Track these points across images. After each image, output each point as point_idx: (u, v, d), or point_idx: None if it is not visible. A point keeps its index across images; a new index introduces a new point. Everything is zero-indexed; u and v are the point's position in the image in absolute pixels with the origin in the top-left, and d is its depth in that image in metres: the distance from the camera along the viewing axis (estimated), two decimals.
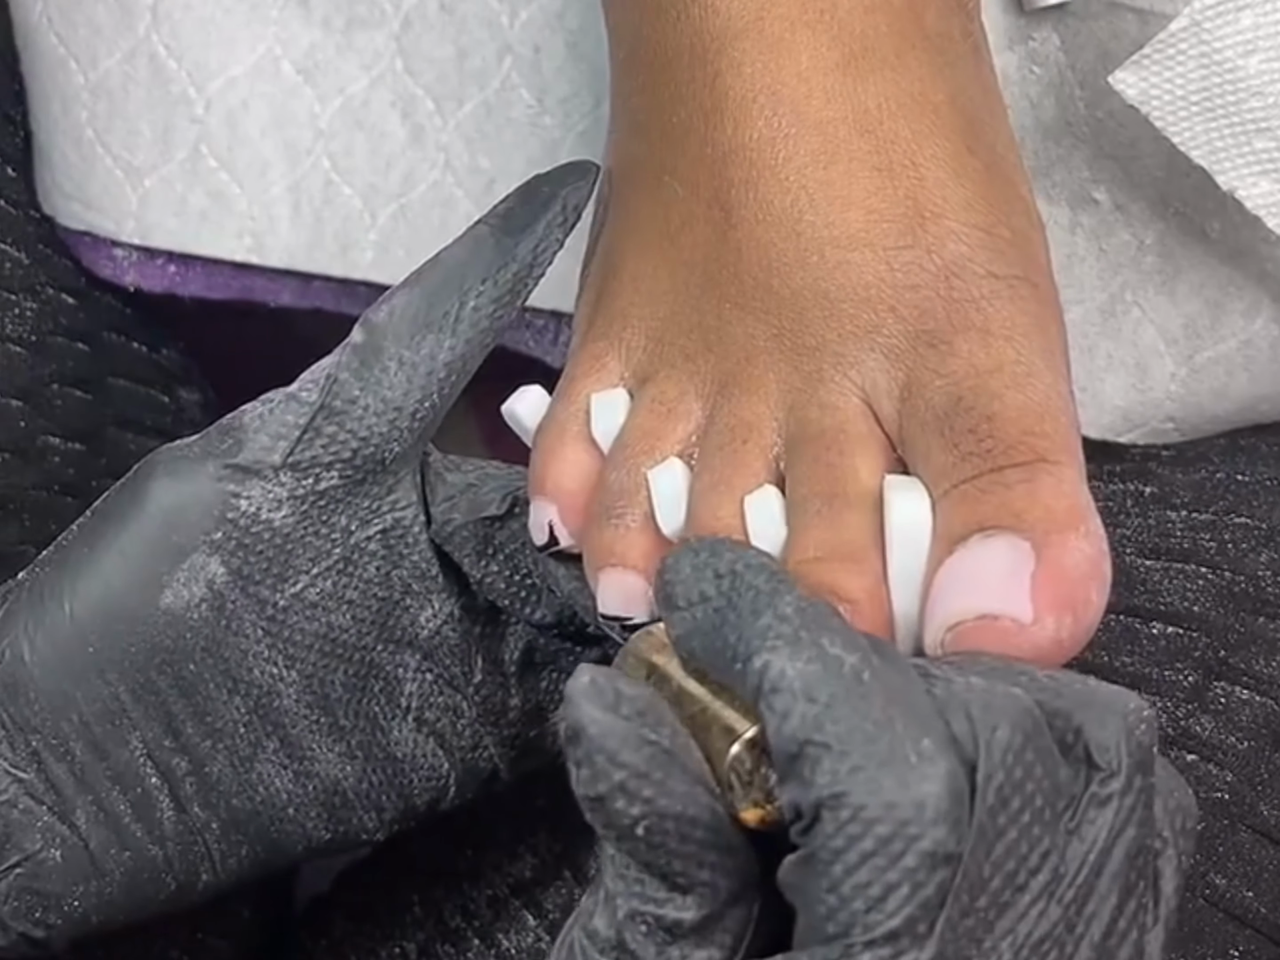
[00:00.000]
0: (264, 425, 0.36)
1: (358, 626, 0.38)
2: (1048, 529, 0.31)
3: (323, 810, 0.38)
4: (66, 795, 0.36)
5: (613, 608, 0.36)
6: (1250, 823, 0.37)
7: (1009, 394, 0.33)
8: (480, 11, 0.48)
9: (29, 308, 0.50)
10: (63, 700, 0.36)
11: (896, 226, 0.34)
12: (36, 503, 0.49)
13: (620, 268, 0.38)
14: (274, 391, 0.37)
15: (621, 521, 0.36)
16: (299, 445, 0.36)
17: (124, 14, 0.49)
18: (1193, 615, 0.40)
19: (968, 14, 0.38)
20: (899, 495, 0.33)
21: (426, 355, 0.37)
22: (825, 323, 0.35)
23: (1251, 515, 0.42)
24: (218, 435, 0.37)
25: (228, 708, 0.36)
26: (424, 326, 0.37)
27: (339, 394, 0.36)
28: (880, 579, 0.32)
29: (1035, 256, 0.35)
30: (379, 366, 0.37)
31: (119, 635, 0.36)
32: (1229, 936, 0.36)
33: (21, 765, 0.36)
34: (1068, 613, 0.30)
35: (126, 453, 0.52)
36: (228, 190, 0.50)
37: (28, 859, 0.36)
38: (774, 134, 0.35)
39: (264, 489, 0.36)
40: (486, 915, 0.44)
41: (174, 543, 0.36)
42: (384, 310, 0.37)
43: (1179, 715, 0.39)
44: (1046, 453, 0.32)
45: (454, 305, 0.37)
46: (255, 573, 0.36)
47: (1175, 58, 0.40)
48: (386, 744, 0.38)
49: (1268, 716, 0.38)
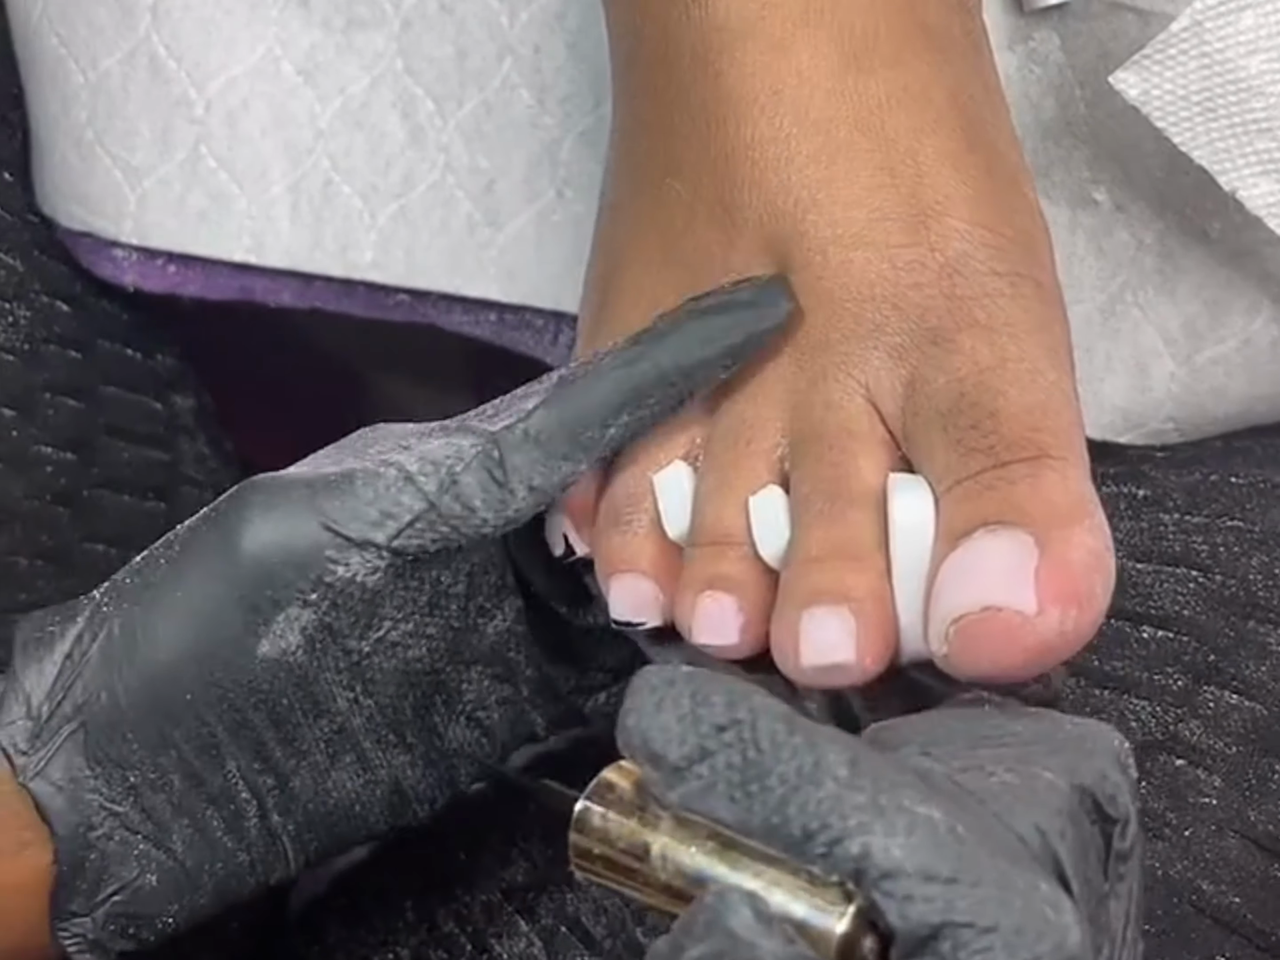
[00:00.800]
0: (375, 498, 0.35)
1: (432, 656, 0.37)
2: (1051, 523, 0.31)
3: (385, 807, 0.38)
4: (163, 823, 0.36)
5: (624, 613, 0.36)
6: (1238, 828, 0.37)
7: (1012, 391, 0.33)
8: (480, 11, 0.48)
9: (23, 315, 0.50)
10: (159, 739, 0.35)
11: (899, 225, 0.34)
12: (29, 512, 0.49)
13: (623, 269, 0.38)
14: (388, 445, 0.36)
15: (629, 527, 0.36)
16: (407, 530, 0.35)
17: (124, 14, 0.49)
18: (1183, 619, 0.40)
19: (969, 12, 0.38)
20: (902, 494, 0.33)
21: (557, 483, 0.35)
22: (828, 322, 0.35)
23: (1244, 518, 0.42)
24: (323, 487, 0.35)
25: (311, 731, 0.36)
26: (561, 458, 0.35)
27: (459, 497, 0.35)
28: (884, 577, 0.32)
29: (1038, 253, 0.35)
30: (507, 488, 0.35)
31: (217, 681, 0.35)
32: (1216, 942, 0.36)
33: (117, 799, 0.36)
34: (1072, 605, 0.30)
35: (119, 461, 0.52)
36: (227, 190, 0.50)
37: (124, 887, 0.36)
38: (776, 134, 0.35)
39: (363, 559, 0.35)
40: (480, 921, 0.44)
41: (268, 597, 0.35)
42: (519, 430, 0.35)
43: (1168, 720, 0.39)
44: (1050, 448, 0.32)
45: (596, 434, 0.35)
46: (344, 626, 0.36)
47: (1176, 58, 0.40)
48: (442, 745, 0.39)
49: (1256, 722, 0.38)
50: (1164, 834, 0.37)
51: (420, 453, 0.35)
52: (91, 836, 0.36)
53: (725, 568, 0.34)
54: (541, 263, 0.49)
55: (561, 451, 0.35)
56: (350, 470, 0.36)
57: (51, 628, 0.36)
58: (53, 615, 0.37)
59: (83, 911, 0.36)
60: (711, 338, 0.35)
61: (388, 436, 0.37)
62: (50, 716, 0.35)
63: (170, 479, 0.53)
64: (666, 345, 0.35)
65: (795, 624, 0.32)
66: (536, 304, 0.49)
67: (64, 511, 0.50)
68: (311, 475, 0.36)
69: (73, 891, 0.36)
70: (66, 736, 0.35)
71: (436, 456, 0.35)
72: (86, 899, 0.36)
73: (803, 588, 0.33)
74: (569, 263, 0.48)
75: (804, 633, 0.32)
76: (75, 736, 0.35)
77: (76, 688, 0.35)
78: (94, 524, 0.50)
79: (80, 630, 0.36)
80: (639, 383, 0.35)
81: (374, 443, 0.37)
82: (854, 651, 0.32)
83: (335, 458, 0.37)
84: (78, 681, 0.36)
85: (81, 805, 0.35)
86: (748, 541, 0.34)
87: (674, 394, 0.35)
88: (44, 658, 0.36)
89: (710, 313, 0.35)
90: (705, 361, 0.35)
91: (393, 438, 0.37)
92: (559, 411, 0.35)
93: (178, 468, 0.54)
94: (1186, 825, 0.37)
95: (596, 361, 0.36)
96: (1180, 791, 0.38)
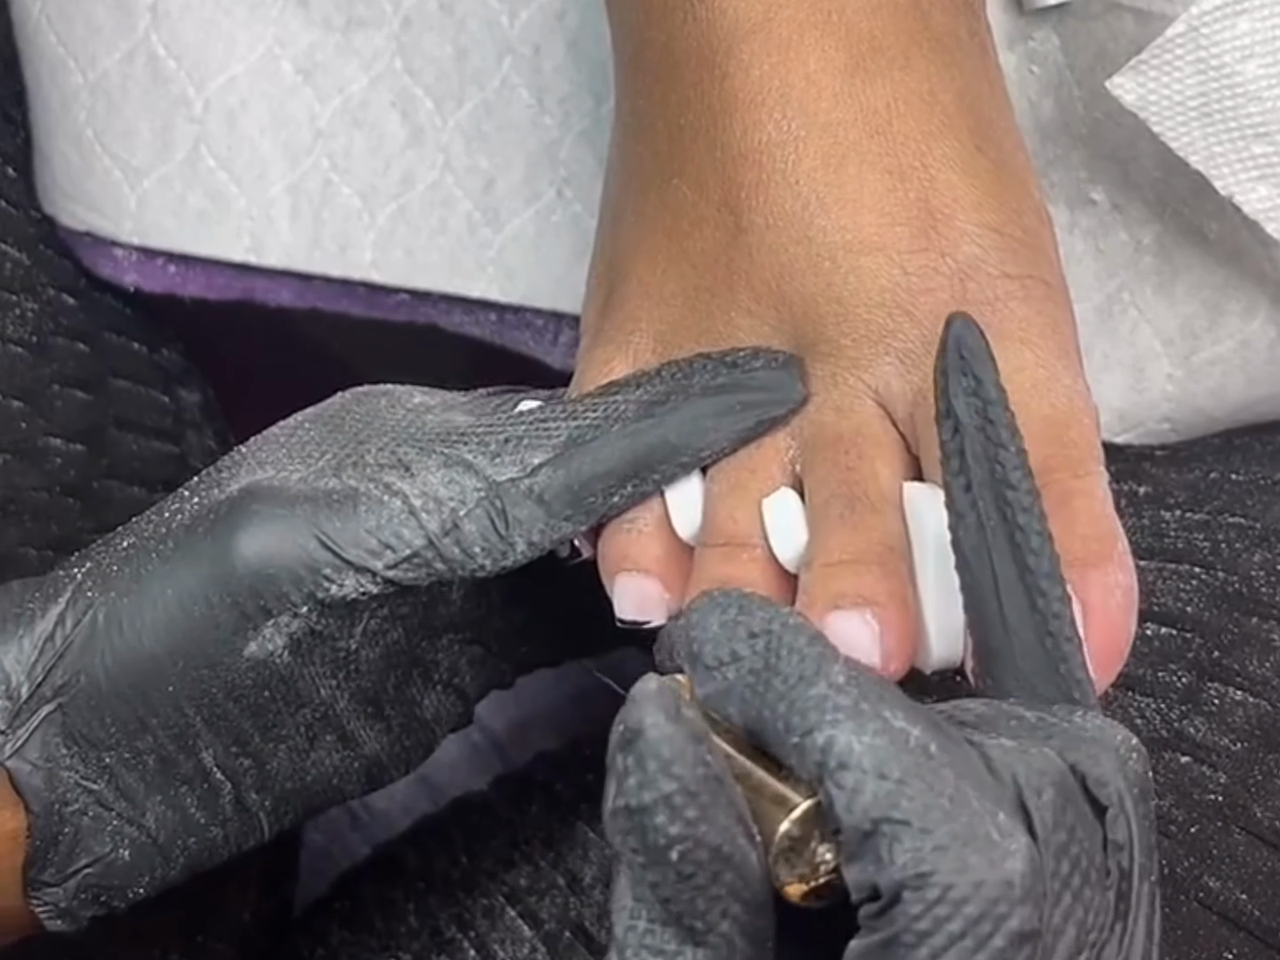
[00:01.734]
0: (378, 527, 0.35)
1: (408, 635, 0.38)
2: (1085, 562, 0.31)
3: (363, 777, 0.39)
4: (137, 801, 0.37)
5: (628, 612, 0.36)
6: (1244, 825, 0.37)
7: (1032, 404, 0.33)
8: (480, 11, 0.48)
9: (29, 308, 0.50)
10: (138, 725, 0.36)
11: (909, 230, 0.34)
12: (38, 504, 0.49)
13: (628, 271, 0.38)
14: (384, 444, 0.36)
15: (635, 526, 0.36)
16: (404, 564, 0.35)
17: (123, 14, 0.49)
18: (1186, 616, 0.40)
19: (974, 13, 0.38)
20: (920, 505, 0.33)
21: (557, 540, 0.36)
22: (839, 327, 0.35)
23: (1245, 515, 0.43)
24: (325, 505, 0.36)
25: (292, 719, 0.37)
26: (564, 519, 0.36)
27: (459, 542, 0.35)
28: (906, 581, 0.33)
29: (1047, 254, 0.35)
30: (508, 540, 0.36)
31: (199, 676, 0.36)
32: (1223, 939, 0.36)
33: (92, 778, 0.36)
34: (1116, 659, 0.31)
35: (128, 454, 0.52)
36: (227, 190, 0.50)
37: (97, 861, 0.36)
38: (783, 137, 0.35)
39: (358, 582, 0.36)
40: (482, 925, 0.44)
41: (261, 606, 0.35)
42: (525, 485, 0.36)
43: (1172, 717, 0.39)
44: (1076, 465, 0.32)
45: (599, 501, 0.36)
46: (331, 631, 0.36)
47: (1173, 63, 0.41)
48: (420, 713, 0.39)
49: (1261, 718, 0.38)
50: (1170, 831, 0.37)
51: (423, 485, 0.36)
52: (66, 812, 0.36)
53: (739, 569, 0.35)
54: (541, 262, 0.49)
55: (564, 514, 0.36)
56: (353, 491, 0.36)
57: (31, 604, 0.36)
58: (31, 591, 0.37)
59: (54, 882, 0.36)
60: (722, 417, 0.36)
61: (382, 428, 0.38)
62: (29, 697, 0.36)
63: (180, 471, 0.54)
64: (676, 420, 0.36)
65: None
66: (536, 304, 0.49)
67: (74, 503, 0.50)
68: (313, 491, 0.36)
69: (45, 864, 0.36)
70: (45, 717, 0.36)
71: (440, 495, 0.36)
72: (59, 870, 0.36)
73: (825, 592, 0.33)
74: (569, 262, 0.48)
75: (828, 636, 0.32)
76: (53, 717, 0.36)
77: (57, 670, 0.36)
78: (104, 515, 0.50)
79: (61, 611, 0.36)
80: (647, 456, 0.36)
81: (367, 432, 0.37)
82: (878, 655, 0.32)
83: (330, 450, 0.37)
84: (58, 664, 0.36)
85: (57, 783, 0.36)
86: (762, 543, 0.35)
87: (680, 468, 0.36)
88: (23, 637, 0.36)
89: (725, 391, 0.35)
90: (715, 440, 0.36)
91: (388, 433, 0.37)
92: (565, 475, 0.36)
93: (186, 460, 0.54)
94: (1193, 822, 0.37)
95: (608, 416, 0.36)
96: (1186, 788, 0.38)
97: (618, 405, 0.36)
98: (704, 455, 0.36)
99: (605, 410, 0.36)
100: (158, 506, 0.38)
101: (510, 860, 0.45)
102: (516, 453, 0.36)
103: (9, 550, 0.47)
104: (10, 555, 0.47)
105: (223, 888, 0.49)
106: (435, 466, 0.36)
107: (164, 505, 0.38)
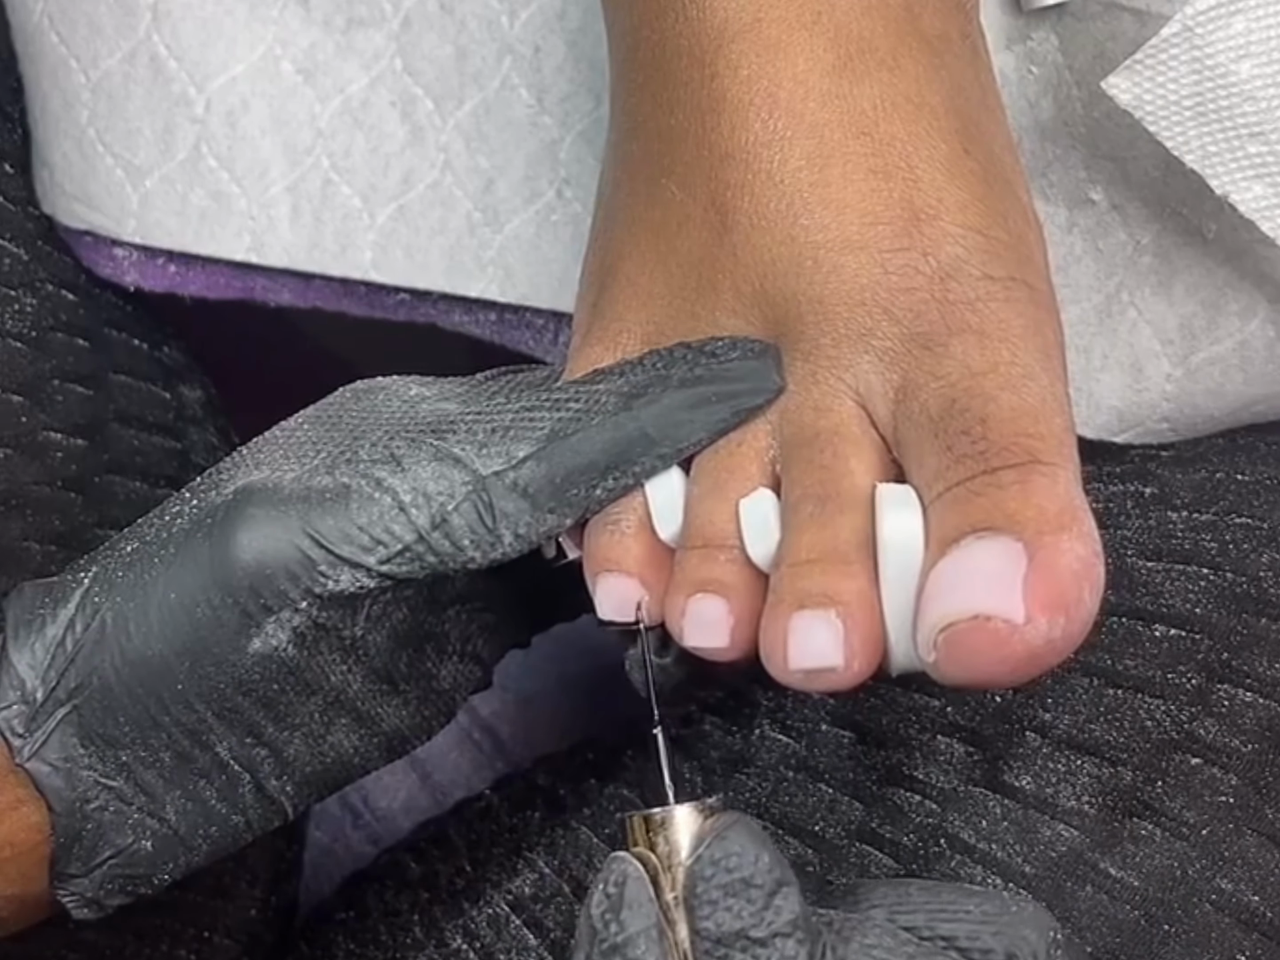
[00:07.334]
0: (369, 524, 0.36)
1: (414, 613, 0.38)
2: (1040, 529, 0.31)
3: (383, 751, 0.40)
4: (156, 795, 0.37)
5: (609, 612, 0.36)
6: (1255, 826, 0.37)
7: (1003, 395, 0.33)
8: (480, 11, 0.48)
9: (29, 303, 0.50)
10: (151, 723, 0.37)
11: (891, 229, 0.34)
12: (39, 498, 0.49)
13: (617, 270, 0.38)
14: (377, 439, 0.37)
15: (617, 527, 0.36)
16: (396, 558, 0.36)
17: (124, 14, 0.49)
18: (1195, 617, 0.40)
19: (966, 15, 0.38)
20: (889, 509, 0.33)
21: (543, 533, 0.36)
22: (819, 326, 0.35)
23: (1252, 515, 0.42)
24: (318, 503, 0.36)
25: (304, 706, 0.38)
26: (548, 511, 0.36)
27: (449, 535, 0.36)
28: (872, 582, 0.33)
29: (1031, 258, 0.35)
30: (495, 533, 0.36)
31: (207, 674, 0.36)
32: (1235, 941, 0.36)
33: (110, 775, 0.37)
34: (1060, 613, 0.30)
35: (130, 449, 0.53)
36: (228, 190, 0.50)
37: (120, 853, 0.37)
38: (770, 137, 0.35)
39: (353, 576, 0.36)
40: (488, 936, 0.44)
41: (261, 604, 0.36)
42: (509, 479, 0.36)
43: (1182, 719, 0.39)
44: (1040, 454, 0.32)
45: (581, 493, 0.36)
46: (334, 622, 0.37)
47: (1168, 63, 0.40)
48: (437, 684, 0.40)
49: (1271, 719, 0.38)
50: (1182, 833, 0.37)
51: (413, 480, 0.36)
52: (87, 809, 0.37)
53: (716, 570, 0.35)
54: (541, 262, 0.49)
55: (548, 506, 0.36)
56: (345, 488, 0.36)
57: (42, 610, 0.37)
58: (41, 596, 0.38)
59: (80, 873, 0.37)
60: (698, 409, 0.36)
61: (377, 422, 0.38)
62: (45, 700, 0.37)
63: (182, 467, 0.54)
64: (655, 412, 0.36)
65: (783, 627, 0.33)
66: (536, 303, 0.49)
67: (75, 497, 0.50)
68: (305, 490, 0.36)
69: (70, 858, 0.37)
70: (61, 719, 0.37)
71: (429, 489, 0.36)
72: (84, 863, 0.37)
73: (791, 591, 0.33)
74: (568, 262, 0.48)
75: (792, 636, 0.32)
76: (69, 718, 0.37)
77: (70, 673, 0.37)
78: (106, 509, 0.51)
79: (71, 615, 0.37)
80: (626, 449, 0.36)
81: (363, 427, 0.38)
82: (841, 656, 0.32)
83: (325, 448, 0.38)
84: (71, 668, 0.37)
85: (77, 782, 0.37)
86: (738, 544, 0.35)
87: (660, 460, 0.36)
88: (35, 642, 0.37)
89: (702, 382, 0.36)
90: (692, 432, 0.36)
91: (382, 426, 0.38)
92: (548, 468, 0.36)
93: (189, 456, 0.55)
94: (1204, 824, 0.37)
95: (589, 407, 0.36)
96: (1197, 790, 0.37)
97: (599, 396, 0.36)
98: (683, 447, 0.36)
99: (587, 402, 0.36)
100: (159, 508, 0.39)
101: (514, 868, 0.45)
102: (503, 444, 0.36)
103: (11, 545, 0.48)
104: (13, 549, 0.48)
105: (229, 885, 0.49)
106: (425, 460, 0.36)
107: (165, 507, 0.38)
